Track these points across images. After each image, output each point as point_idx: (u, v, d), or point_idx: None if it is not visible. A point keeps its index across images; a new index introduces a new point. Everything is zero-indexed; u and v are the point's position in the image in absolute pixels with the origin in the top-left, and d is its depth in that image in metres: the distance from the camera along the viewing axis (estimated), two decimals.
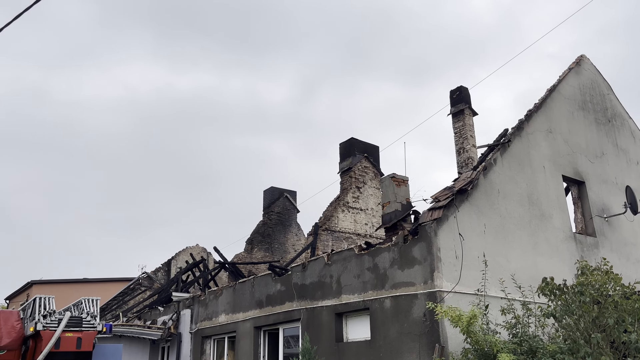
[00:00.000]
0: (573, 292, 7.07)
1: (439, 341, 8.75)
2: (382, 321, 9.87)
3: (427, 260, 9.36)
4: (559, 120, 13.09)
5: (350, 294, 10.66)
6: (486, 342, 7.90)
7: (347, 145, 20.07)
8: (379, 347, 9.78)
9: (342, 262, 11.10)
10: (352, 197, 19.95)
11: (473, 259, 9.60)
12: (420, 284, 9.36)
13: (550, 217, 11.66)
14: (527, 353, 8.00)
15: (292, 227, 23.06)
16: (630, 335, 6.53)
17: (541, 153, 12.21)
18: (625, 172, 14.20)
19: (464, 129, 16.91)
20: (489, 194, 10.65)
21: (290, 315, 12.01)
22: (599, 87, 14.97)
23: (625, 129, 15.17)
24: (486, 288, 9.24)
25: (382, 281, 10.06)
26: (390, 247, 10.11)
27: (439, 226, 9.54)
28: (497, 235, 10.34)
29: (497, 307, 8.74)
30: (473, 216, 10.12)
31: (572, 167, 12.90)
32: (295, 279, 12.16)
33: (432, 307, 8.51)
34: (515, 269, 9.87)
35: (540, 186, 11.80)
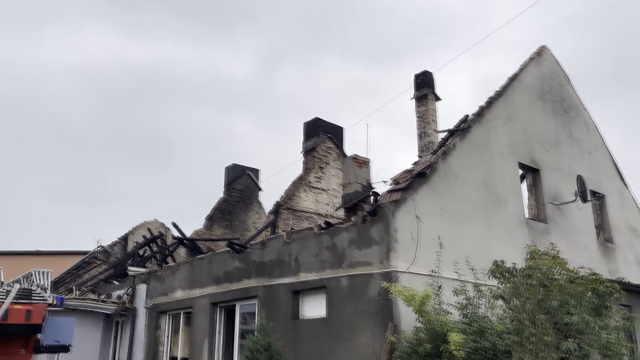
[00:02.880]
0: (522, 275, 7.32)
1: (392, 320, 8.95)
2: (339, 299, 10.01)
3: (384, 240, 9.51)
4: (518, 108, 13.40)
5: (308, 272, 10.75)
6: (437, 322, 8.12)
7: (311, 125, 20.01)
8: (334, 325, 9.93)
9: (301, 240, 11.16)
10: (315, 177, 19.98)
11: (429, 241, 9.80)
12: (377, 263, 9.53)
13: (505, 202, 11.99)
14: (476, 333, 8.27)
15: (254, 205, 22.99)
16: (572, 317, 6.83)
17: (499, 140, 12.49)
18: (578, 162, 14.69)
19: (427, 114, 17.11)
20: (447, 178, 10.86)
21: (247, 292, 12.04)
22: (558, 77, 15.37)
23: (580, 119, 15.65)
24: (440, 269, 9.47)
25: (340, 260, 10.18)
26: (349, 227, 10.22)
27: (397, 208, 9.69)
28: (453, 218, 10.58)
29: (450, 288, 8.97)
30: (431, 199, 10.31)
31: (529, 154, 13.26)
32: (253, 257, 12.16)
33: (386, 286, 8.69)
34: (469, 252, 10.11)
35: (497, 172, 12.10)
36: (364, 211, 10.20)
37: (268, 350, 9.14)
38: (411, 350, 8.23)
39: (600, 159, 15.91)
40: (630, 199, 16.75)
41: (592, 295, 7.02)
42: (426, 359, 7.99)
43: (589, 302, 7.04)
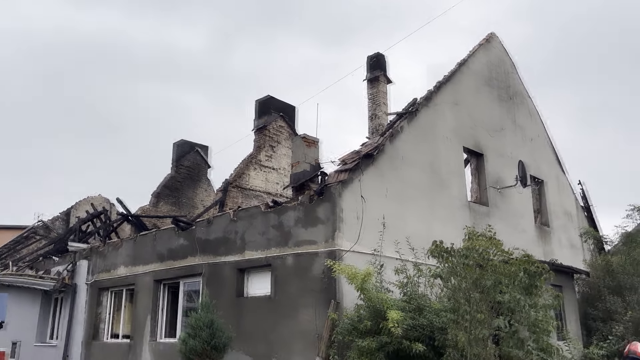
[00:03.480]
0: (459, 255, 7.58)
1: (335, 297, 9.10)
2: (283, 277, 10.07)
3: (330, 220, 9.61)
4: (465, 93, 13.69)
5: (254, 251, 10.74)
6: (378, 299, 8.31)
7: (263, 103, 19.81)
8: (279, 303, 10.00)
9: (248, 219, 11.12)
10: (266, 156, 19.87)
11: (373, 221, 9.96)
12: (322, 242, 9.63)
13: (449, 185, 12.31)
14: (414, 310, 8.53)
15: (202, 182, 22.64)
16: (504, 295, 7.14)
17: (446, 124, 12.76)
18: (520, 148, 15.21)
19: (378, 96, 17.22)
20: (394, 160, 11.03)
21: (192, 270, 11.93)
22: (505, 65, 15.78)
23: (524, 107, 16.17)
24: (383, 249, 9.67)
25: (286, 239, 10.22)
26: (296, 206, 10.25)
27: (344, 188, 9.79)
28: (398, 199, 10.78)
29: (392, 267, 9.18)
30: (377, 180, 10.46)
31: (473, 139, 13.61)
32: (199, 234, 12.03)
33: (330, 264, 8.80)
34: (411, 232, 10.33)
35: (442, 156, 12.38)
36: (311, 191, 10.25)
37: (210, 327, 9.12)
38: (352, 327, 8.41)
39: (541, 146, 16.53)
40: (567, 185, 17.53)
41: (523, 275, 7.35)
42: (366, 335, 8.18)
43: (521, 282, 7.37)
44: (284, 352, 9.65)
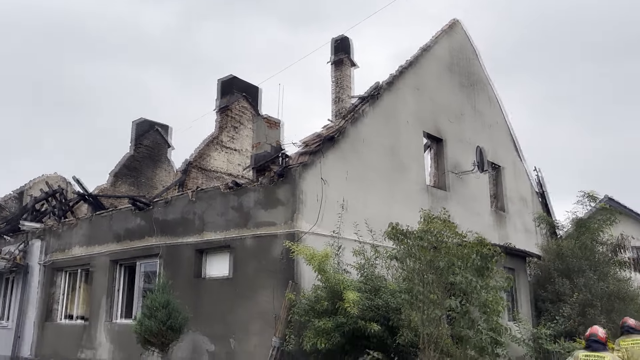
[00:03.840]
0: (415, 237, 7.71)
1: (293, 278, 9.16)
2: (242, 259, 10.07)
3: (290, 202, 9.62)
4: (427, 79, 13.83)
5: (213, 232, 10.68)
6: (335, 280, 8.41)
7: (226, 83, 19.54)
8: (237, 284, 10.00)
9: (207, 199, 11.02)
10: (228, 137, 19.65)
11: (334, 203, 10.03)
12: (282, 224, 9.65)
13: (409, 169, 12.47)
14: (371, 291, 8.67)
15: (163, 162, 22.23)
16: (457, 277, 7.33)
17: (407, 108, 12.88)
18: (479, 134, 15.50)
19: (342, 79, 17.25)
20: (355, 143, 11.09)
21: (149, 250, 11.78)
22: (467, 51, 15.98)
23: (484, 93, 16.46)
24: (342, 231, 9.76)
25: (246, 220, 10.19)
26: (257, 188, 10.22)
27: (305, 170, 9.80)
28: (359, 182, 10.87)
29: (351, 249, 9.28)
30: (338, 163, 10.51)
31: (434, 124, 13.80)
32: (157, 214, 11.86)
33: (289, 245, 8.84)
34: (371, 215, 10.44)
35: (403, 140, 12.51)
36: (272, 172, 10.22)
37: (167, 308, 9.05)
38: (309, 307, 8.49)
39: (499, 132, 16.89)
40: (523, 172, 18.01)
41: (476, 257, 7.54)
42: (323, 315, 8.28)
43: (473, 264, 7.57)
44: (242, 332, 9.68)
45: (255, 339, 9.43)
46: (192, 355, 10.32)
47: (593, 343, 7.01)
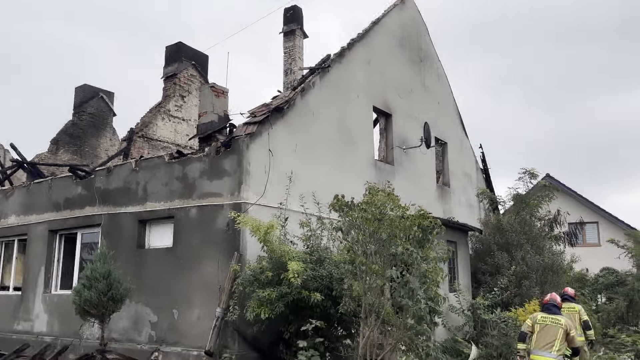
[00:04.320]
0: (359, 209, 7.79)
1: (238, 249, 9.11)
2: (186, 229, 9.92)
3: (237, 172, 9.51)
4: (377, 53, 13.84)
5: (156, 202, 10.45)
6: (280, 251, 8.43)
7: (174, 50, 18.94)
8: (181, 254, 9.87)
9: (150, 169, 10.74)
10: (175, 106, 19.14)
11: (281, 175, 9.98)
12: (227, 195, 9.54)
13: (357, 143, 12.54)
14: (315, 262, 8.76)
15: (107, 130, 21.45)
16: (398, 248, 7.48)
17: (357, 82, 12.88)
18: (427, 110, 15.73)
19: (294, 50, 17.01)
20: (304, 115, 11.02)
21: (90, 220, 11.43)
22: (417, 26, 16.07)
23: (433, 70, 16.67)
24: (289, 203, 9.76)
25: (190, 191, 10.02)
26: (202, 158, 10.03)
27: (252, 141, 9.68)
28: (306, 154, 10.84)
29: (297, 220, 9.30)
30: (286, 134, 10.43)
31: (383, 99, 13.89)
32: (98, 184, 11.48)
33: (234, 216, 8.76)
34: (318, 188, 10.45)
35: (352, 114, 12.54)
36: (218, 142, 10.04)
37: (107, 278, 8.86)
38: (253, 278, 8.49)
39: (446, 109, 17.21)
40: (468, 148, 18.49)
41: (417, 229, 7.70)
42: (267, 286, 8.31)
43: (415, 236, 7.73)
44: (185, 303, 9.60)
45: (198, 310, 9.38)
46: (134, 327, 10.18)
47: (552, 307, 8.22)
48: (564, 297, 10.51)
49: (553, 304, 8.35)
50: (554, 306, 8.32)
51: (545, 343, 7.94)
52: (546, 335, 7.98)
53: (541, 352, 7.94)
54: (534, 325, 8.23)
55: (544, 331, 8.03)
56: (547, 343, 7.93)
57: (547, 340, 7.94)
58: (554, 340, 7.89)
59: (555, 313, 8.21)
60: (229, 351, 8.76)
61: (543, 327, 8.08)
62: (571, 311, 10.39)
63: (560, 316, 8.23)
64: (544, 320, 8.16)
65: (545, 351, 7.91)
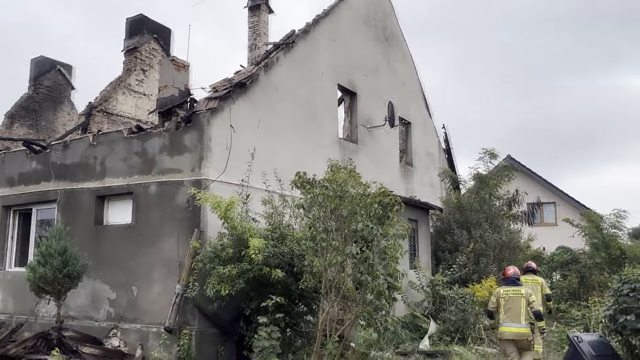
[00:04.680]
0: (320, 186, 7.80)
1: (198, 226, 9.02)
2: (146, 206, 9.75)
3: (197, 148, 9.37)
4: (343, 30, 13.75)
5: (115, 178, 10.22)
6: (241, 228, 8.38)
7: (135, 22, 18.34)
8: (140, 231, 9.72)
9: (109, 144, 10.48)
10: (136, 80, 18.61)
11: (243, 152, 9.87)
12: (188, 171, 9.40)
13: (321, 121, 12.51)
14: (277, 239, 8.74)
15: (65, 104, 20.73)
16: (358, 224, 7.53)
17: (322, 60, 12.78)
18: (391, 89, 15.78)
19: (259, 25, 16.71)
20: (268, 91, 10.90)
21: (45, 196, 11.10)
22: (383, 5, 16.01)
23: (399, 50, 16.68)
24: (251, 180, 9.68)
25: (150, 166, 9.83)
26: (162, 133, 9.83)
27: (213, 116, 9.53)
28: (270, 131, 10.75)
29: (260, 198, 9.24)
30: (249, 110, 10.30)
31: (348, 78, 13.84)
32: (54, 158, 11.14)
33: (194, 192, 8.65)
34: (281, 165, 10.41)
35: (317, 91, 12.47)
36: (178, 117, 9.84)
37: (63, 255, 8.66)
38: (214, 255, 8.44)
39: (411, 89, 17.30)
40: (432, 129, 18.68)
41: (378, 206, 7.77)
42: (228, 262, 8.27)
43: (375, 213, 7.80)
44: (145, 280, 9.49)
45: (158, 287, 9.28)
46: (92, 304, 10.01)
47: (513, 280, 8.72)
48: (527, 269, 11.17)
49: (516, 278, 8.83)
50: (515, 279, 8.80)
51: (513, 314, 8.37)
52: (512, 307, 8.41)
53: (511, 324, 8.38)
54: (498, 300, 8.66)
55: (508, 304, 8.47)
56: (514, 314, 8.37)
57: (514, 312, 8.38)
58: (520, 310, 8.35)
59: (516, 285, 8.69)
60: (188, 327, 8.73)
61: (507, 300, 8.51)
62: (535, 283, 10.88)
63: (521, 287, 8.72)
64: (506, 294, 8.60)
65: (514, 322, 8.36)
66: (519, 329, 8.33)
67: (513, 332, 8.34)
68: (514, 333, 8.34)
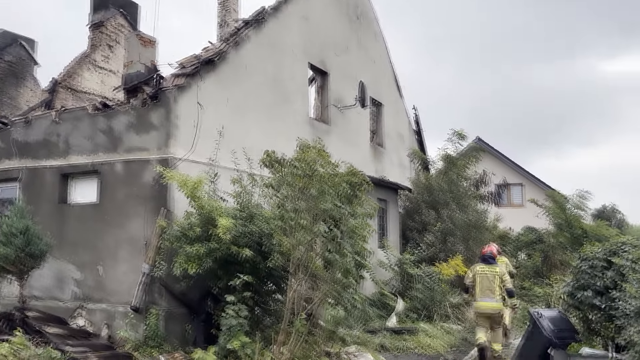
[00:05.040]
0: (289, 165, 7.78)
1: (165, 205, 8.92)
2: (112, 185, 9.59)
3: (164, 126, 9.22)
4: (314, 8, 13.60)
5: (79, 155, 10.00)
6: (209, 207, 8.31)
7: None
8: (106, 210, 9.56)
9: (73, 121, 10.22)
10: (102, 56, 18.13)
11: (212, 130, 9.75)
12: (155, 149, 9.26)
13: (292, 100, 12.42)
14: (246, 218, 8.69)
15: (28, 80, 20.07)
16: (327, 204, 7.56)
17: (293, 38, 12.64)
18: (363, 69, 15.73)
19: (228, 1, 16.42)
20: (237, 69, 10.75)
21: (7, 174, 10.77)
22: None
23: (370, 29, 16.61)
24: (219, 159, 9.59)
25: (116, 144, 9.64)
26: (128, 110, 9.63)
27: (181, 94, 9.37)
28: (239, 110, 10.63)
29: (229, 177, 9.16)
30: (217, 88, 10.16)
31: (320, 57, 13.74)
32: (16, 135, 10.80)
33: (160, 171, 8.53)
34: (251, 144, 10.27)
35: (287, 70, 12.35)
36: (145, 94, 9.63)
37: (25, 234, 8.44)
38: (181, 234, 8.36)
39: (382, 69, 17.29)
40: (402, 110, 18.77)
41: (346, 186, 7.81)
42: (196, 242, 8.19)
43: (344, 192, 7.84)
44: (111, 259, 9.36)
45: (124, 266, 9.18)
46: (57, 284, 9.84)
47: (489, 258, 9.27)
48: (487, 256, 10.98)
49: (489, 256, 9.38)
50: (491, 257, 9.34)
51: (487, 290, 9.00)
52: (486, 284, 9.04)
53: (485, 299, 9.00)
54: (474, 276, 9.25)
55: (483, 280, 9.08)
56: (488, 290, 8.99)
57: (488, 288, 9.00)
58: (493, 287, 8.99)
59: (491, 263, 9.27)
60: (156, 307, 8.67)
61: (483, 277, 9.11)
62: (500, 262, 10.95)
63: (496, 265, 9.34)
64: (482, 271, 9.18)
65: (488, 297, 8.98)
66: (493, 304, 8.94)
67: (488, 307, 8.96)
68: (489, 308, 8.96)
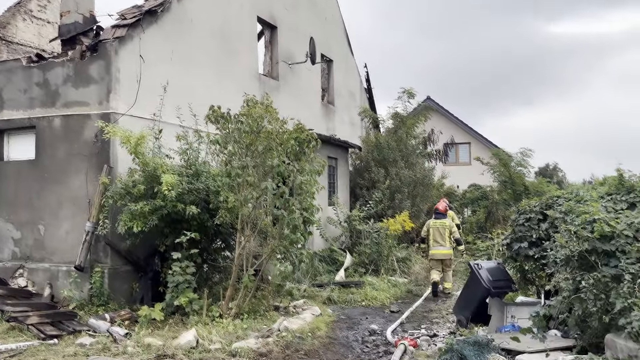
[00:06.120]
0: (235, 121, 7.66)
1: (108, 162, 8.65)
2: (50, 141, 9.19)
3: (105, 80, 8.84)
4: None
5: (15, 110, 9.50)
6: (153, 164, 8.12)
7: None
8: (45, 167, 9.18)
9: (6, 73, 9.65)
10: (39, 6, 17.03)
11: (156, 85, 9.41)
12: (95, 104, 8.90)
13: (240, 55, 12.11)
14: (192, 175, 8.56)
15: None
16: (274, 160, 7.53)
17: None
18: (313, 25, 15.46)
19: None
20: (181, 21, 10.34)
21: None
22: None
23: None
24: (164, 114, 9.31)
25: (53, 99, 9.19)
26: (65, 63, 9.16)
27: (122, 46, 8.96)
28: (185, 64, 10.30)
29: (174, 133, 8.94)
30: (161, 41, 9.77)
31: (268, 10, 13.39)
32: None
33: (102, 126, 8.23)
34: (197, 100, 9.98)
35: (235, 23, 11.99)
36: (83, 46, 9.16)
37: None
38: (125, 192, 8.16)
39: (333, 26, 17.05)
40: (354, 67, 18.68)
41: (294, 142, 7.77)
42: (140, 199, 8.02)
43: (291, 149, 7.80)
44: (52, 218, 9.07)
45: (66, 225, 8.92)
46: None
47: (439, 214, 11.24)
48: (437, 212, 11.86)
49: (437, 212, 11.29)
50: (441, 213, 11.27)
51: (439, 240, 10.88)
52: (438, 235, 10.90)
53: (438, 247, 10.88)
54: (429, 229, 11.10)
55: (436, 232, 10.94)
56: (440, 239, 10.87)
57: (440, 238, 10.88)
58: (444, 237, 10.87)
59: (442, 218, 11.16)
60: (100, 265, 8.52)
61: (435, 230, 10.98)
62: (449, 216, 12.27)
63: (446, 219, 11.20)
64: (434, 224, 11.07)
65: (440, 245, 10.86)
66: (444, 250, 10.87)
67: (441, 254, 10.85)
68: (441, 254, 10.85)
